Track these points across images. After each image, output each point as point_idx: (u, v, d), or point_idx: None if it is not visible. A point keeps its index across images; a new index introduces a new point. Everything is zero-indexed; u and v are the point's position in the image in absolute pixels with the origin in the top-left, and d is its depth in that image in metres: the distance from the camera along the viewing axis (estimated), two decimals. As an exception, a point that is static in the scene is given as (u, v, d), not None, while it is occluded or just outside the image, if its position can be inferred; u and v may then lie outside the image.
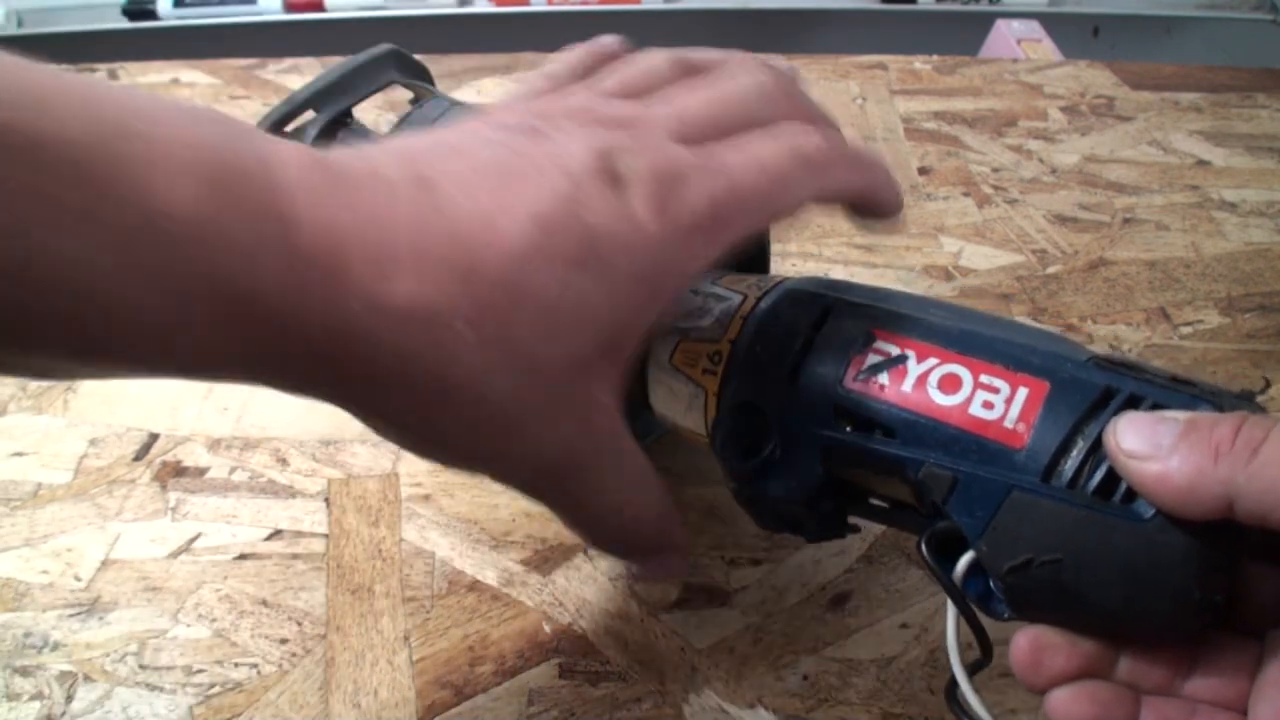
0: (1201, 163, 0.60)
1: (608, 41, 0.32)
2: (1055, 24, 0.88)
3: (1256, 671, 0.25)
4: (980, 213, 0.56)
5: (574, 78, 0.30)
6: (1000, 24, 0.85)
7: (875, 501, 0.29)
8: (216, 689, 0.33)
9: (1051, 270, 0.52)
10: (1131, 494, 0.24)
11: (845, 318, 0.29)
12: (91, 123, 0.20)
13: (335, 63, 0.42)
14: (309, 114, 0.42)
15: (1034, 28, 0.83)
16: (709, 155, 0.26)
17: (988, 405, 0.27)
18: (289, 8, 1.34)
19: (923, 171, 0.59)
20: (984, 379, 0.27)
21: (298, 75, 0.68)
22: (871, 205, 0.30)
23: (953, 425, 0.26)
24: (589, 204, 0.23)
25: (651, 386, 0.33)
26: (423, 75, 0.46)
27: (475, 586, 0.36)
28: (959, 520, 0.26)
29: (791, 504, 0.29)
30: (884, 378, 0.28)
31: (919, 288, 0.50)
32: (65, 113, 0.19)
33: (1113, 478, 0.24)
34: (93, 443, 0.41)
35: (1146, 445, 0.23)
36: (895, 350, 0.28)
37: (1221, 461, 0.22)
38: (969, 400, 0.26)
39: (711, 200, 0.25)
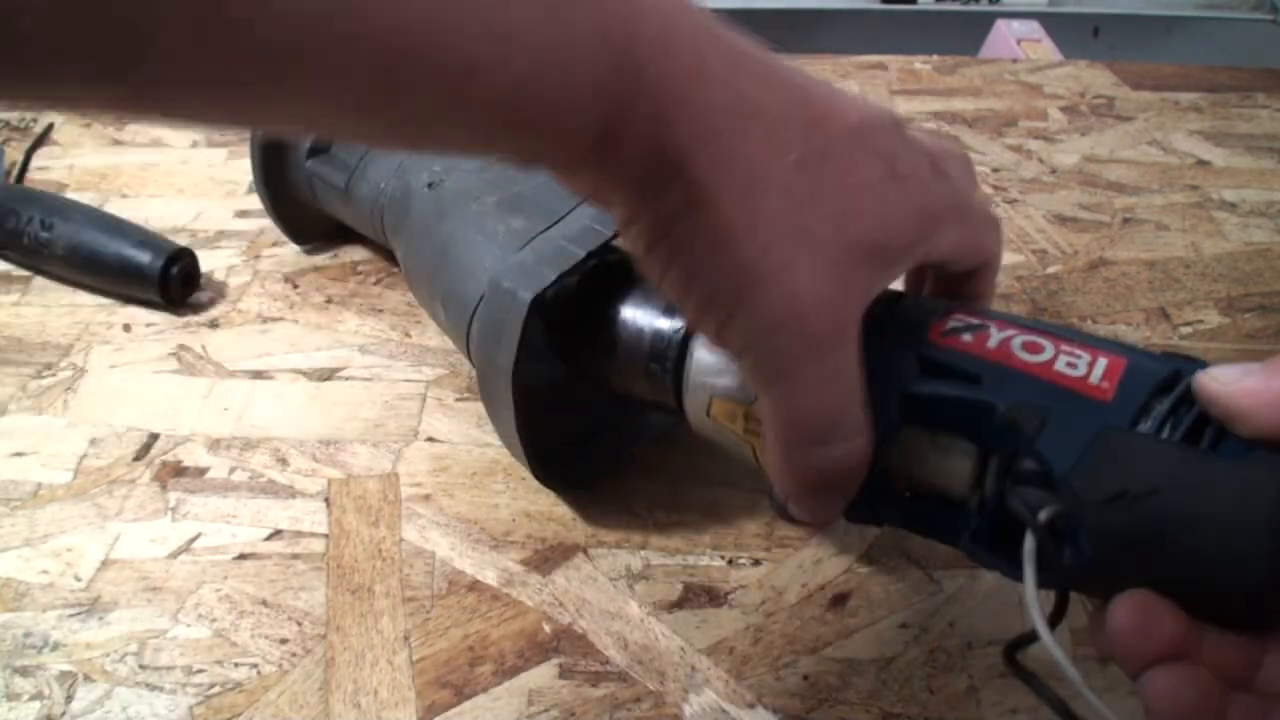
0: (1201, 163, 0.60)
1: None
2: (1055, 24, 0.88)
3: None
4: (980, 213, 0.56)
5: None
6: (1000, 24, 0.86)
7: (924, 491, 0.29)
8: (216, 689, 0.33)
9: (1051, 270, 0.52)
10: (1216, 441, 0.25)
11: (918, 303, 0.30)
12: None
13: None
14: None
15: (1034, 28, 0.84)
16: (950, 171, 0.29)
17: (1071, 365, 0.27)
18: (289, 8, 1.34)
19: (923, 171, 0.59)
20: (1065, 348, 0.27)
21: (298, 75, 0.68)
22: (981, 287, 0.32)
23: (1039, 376, 0.27)
24: (899, 137, 0.27)
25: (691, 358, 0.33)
26: None
27: (475, 586, 0.36)
28: (1049, 456, 0.26)
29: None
30: (967, 336, 0.28)
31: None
32: None
33: (1196, 430, 0.25)
34: (93, 443, 0.41)
35: (1238, 373, 0.25)
36: (975, 320, 0.28)
37: None
38: (1054, 359, 0.27)
39: (963, 190, 0.29)
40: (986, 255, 0.31)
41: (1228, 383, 0.25)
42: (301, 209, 0.51)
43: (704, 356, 0.32)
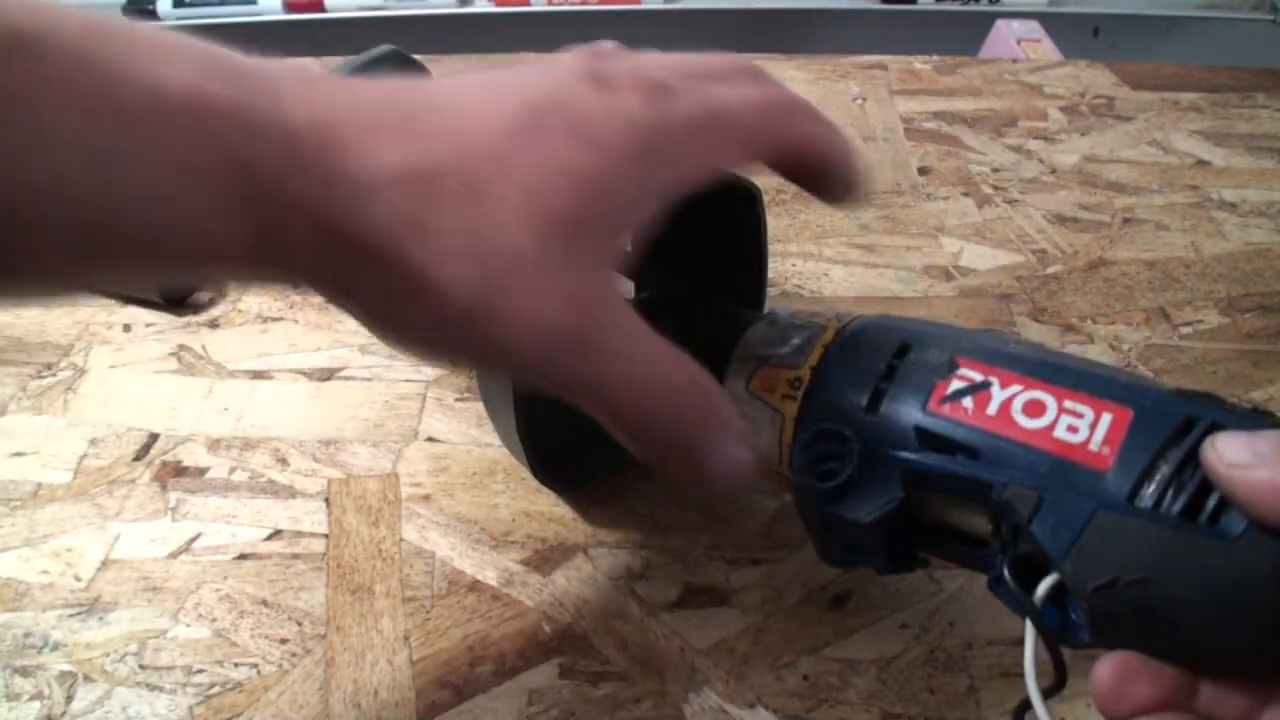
0: (1201, 163, 0.60)
1: (605, 45, 0.32)
2: (1055, 24, 0.88)
3: None
4: (980, 213, 0.56)
5: None
6: (1000, 24, 0.86)
7: (951, 531, 0.29)
8: (216, 689, 0.33)
9: (1051, 270, 0.52)
10: (1216, 515, 0.24)
11: (929, 347, 0.29)
12: (84, 22, 0.21)
13: (334, 64, 0.41)
14: None
15: (1034, 28, 0.84)
16: (696, 84, 0.27)
17: (1072, 429, 0.27)
18: (289, 8, 1.34)
19: (923, 171, 0.59)
20: (1068, 404, 0.27)
21: (298, 75, 0.68)
22: (832, 169, 0.30)
23: (1037, 447, 0.26)
24: (578, 93, 0.25)
25: None
26: (423, 75, 0.46)
27: (475, 586, 0.36)
28: (1043, 541, 0.26)
29: (868, 529, 0.28)
30: (968, 402, 0.28)
31: (919, 288, 0.50)
32: (58, 15, 0.21)
33: (1196, 500, 0.24)
34: (93, 443, 0.41)
35: (1249, 456, 0.23)
36: (979, 377, 0.28)
37: None
38: (1053, 424, 0.27)
39: (703, 107, 0.26)
40: (788, 145, 0.28)
41: (1233, 466, 0.24)
42: None
43: (752, 333, 0.33)
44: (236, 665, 0.33)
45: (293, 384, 0.45)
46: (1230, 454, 0.24)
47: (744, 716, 0.32)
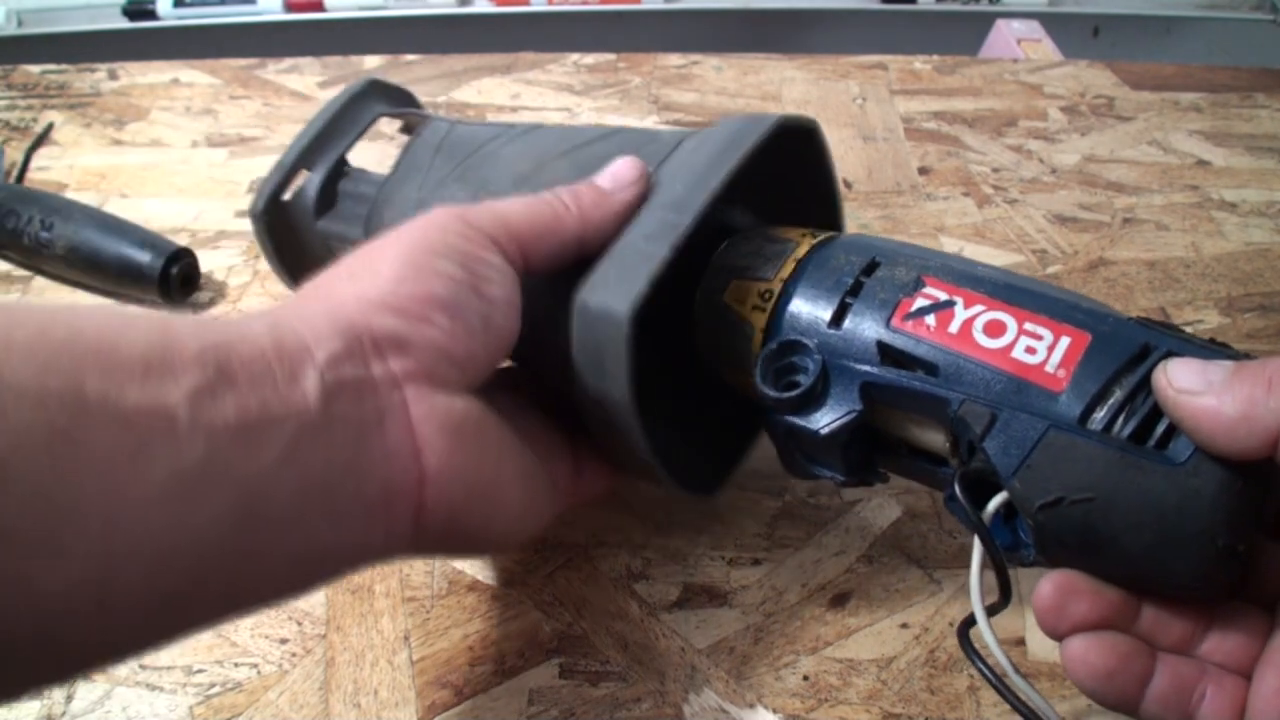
0: (1201, 163, 0.60)
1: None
2: (1055, 24, 0.88)
3: (1265, 641, 0.26)
4: (980, 213, 0.56)
5: None
6: (1000, 24, 0.85)
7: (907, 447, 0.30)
8: (216, 689, 0.33)
9: (1051, 270, 0.52)
10: (1165, 440, 0.25)
11: (897, 265, 0.30)
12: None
13: (317, 111, 0.41)
14: (303, 174, 0.40)
15: (1034, 28, 0.83)
16: None
17: (1030, 350, 0.27)
18: (289, 8, 1.34)
19: (923, 172, 0.59)
20: (1028, 326, 0.27)
21: (298, 75, 0.68)
22: None
23: (994, 366, 0.27)
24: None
25: (696, 328, 0.34)
26: (408, 101, 0.45)
27: (475, 586, 0.36)
28: (994, 457, 0.26)
29: (827, 440, 0.29)
30: (930, 320, 0.28)
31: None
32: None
33: (1147, 424, 0.25)
34: (93, 443, 0.41)
35: (1199, 382, 0.24)
36: (944, 296, 0.29)
37: (1275, 392, 0.23)
38: (1012, 344, 0.27)
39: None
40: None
41: (1181, 391, 0.24)
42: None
43: (732, 244, 0.34)
44: (236, 665, 0.33)
45: (293, 384, 0.45)
46: (1180, 379, 0.24)
47: (744, 716, 0.32)
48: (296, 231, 0.42)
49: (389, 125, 0.43)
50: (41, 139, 0.61)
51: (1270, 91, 0.68)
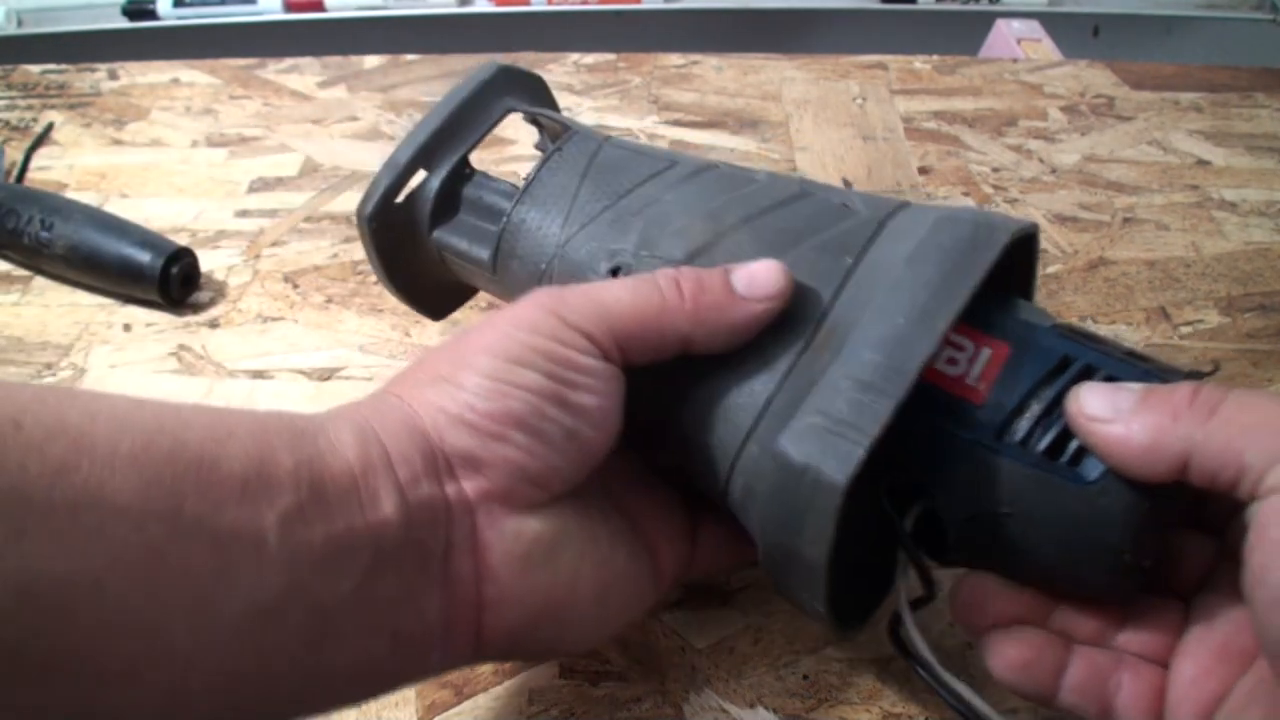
0: (1201, 162, 0.60)
1: None
2: (1055, 24, 0.87)
3: (1182, 631, 0.27)
4: (980, 212, 0.56)
5: None
6: (1000, 24, 0.85)
7: None
8: (216, 689, 0.33)
9: (1051, 270, 0.52)
10: (1078, 457, 0.25)
11: None
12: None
13: (443, 97, 0.36)
14: (420, 173, 0.36)
15: (1034, 27, 0.83)
16: None
17: (951, 361, 0.28)
18: (289, 7, 1.34)
19: (923, 171, 0.59)
20: (953, 338, 0.28)
21: (298, 75, 0.68)
22: None
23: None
24: None
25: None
26: (542, 93, 0.40)
27: (475, 586, 0.36)
28: (918, 468, 0.27)
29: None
30: None
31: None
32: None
33: (1061, 440, 0.26)
34: (93, 443, 0.41)
35: (1108, 409, 0.25)
36: None
37: (1180, 420, 0.24)
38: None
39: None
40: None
41: (1091, 419, 0.25)
42: (436, 285, 0.41)
43: None
44: (236, 665, 0.33)
45: (293, 384, 0.45)
46: (1090, 407, 0.25)
47: (744, 716, 0.32)
48: (409, 240, 0.38)
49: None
50: (41, 139, 0.61)
51: (1270, 91, 0.68)
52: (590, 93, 0.66)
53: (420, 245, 0.38)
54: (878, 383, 0.26)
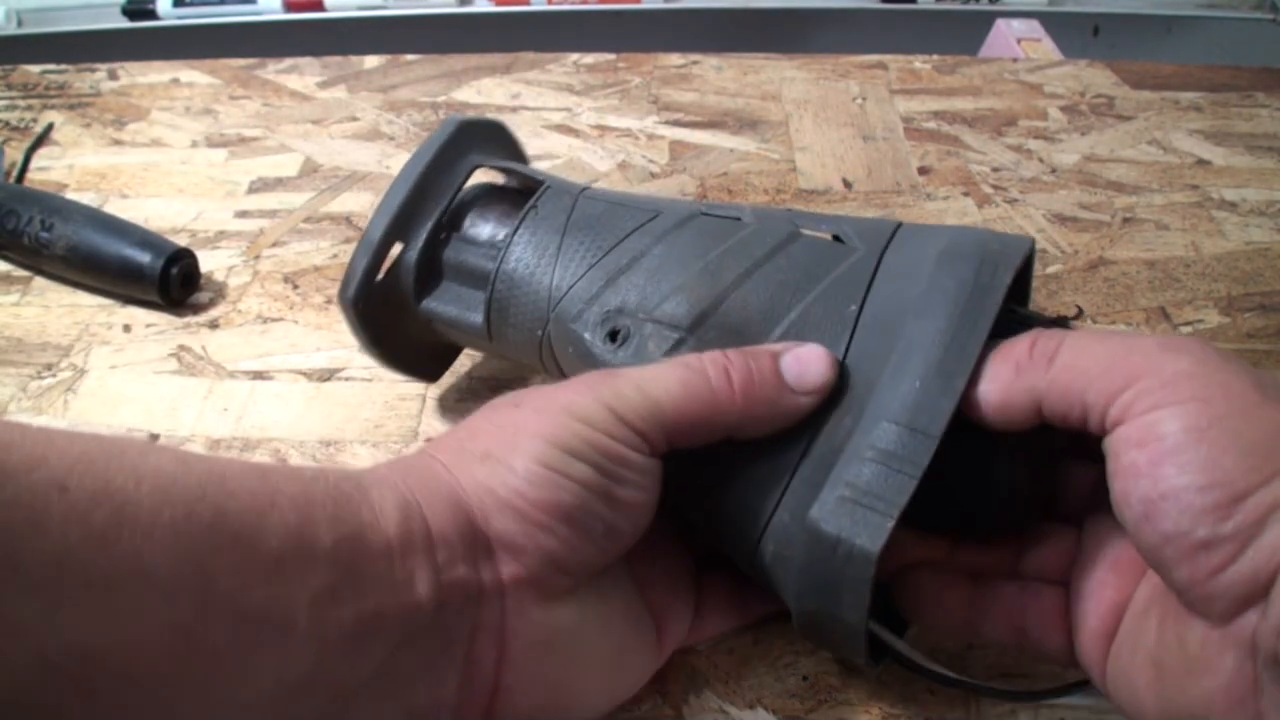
0: (1201, 162, 0.60)
1: None
2: (1055, 24, 0.87)
3: (1077, 551, 0.29)
4: (980, 212, 0.56)
5: None
6: (1000, 23, 0.85)
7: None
8: (216, 689, 0.33)
9: (1051, 270, 0.52)
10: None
11: None
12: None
13: (406, 163, 0.36)
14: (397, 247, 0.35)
15: (1034, 27, 0.83)
16: None
17: None
18: (289, 7, 1.34)
19: (923, 171, 0.59)
20: None
21: (298, 75, 0.68)
22: None
23: None
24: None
25: None
26: (505, 142, 0.39)
27: (475, 587, 0.36)
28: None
29: None
30: None
31: (919, 288, 0.50)
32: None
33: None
34: (93, 443, 0.41)
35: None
36: None
37: (1023, 373, 0.26)
38: None
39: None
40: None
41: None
42: (428, 351, 0.41)
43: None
44: (236, 665, 0.33)
45: (292, 384, 0.45)
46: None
47: (744, 717, 0.32)
48: (396, 315, 0.37)
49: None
50: (41, 139, 0.61)
51: (1270, 91, 0.68)
52: (590, 93, 0.66)
53: (408, 317, 0.38)
54: (900, 452, 0.27)
